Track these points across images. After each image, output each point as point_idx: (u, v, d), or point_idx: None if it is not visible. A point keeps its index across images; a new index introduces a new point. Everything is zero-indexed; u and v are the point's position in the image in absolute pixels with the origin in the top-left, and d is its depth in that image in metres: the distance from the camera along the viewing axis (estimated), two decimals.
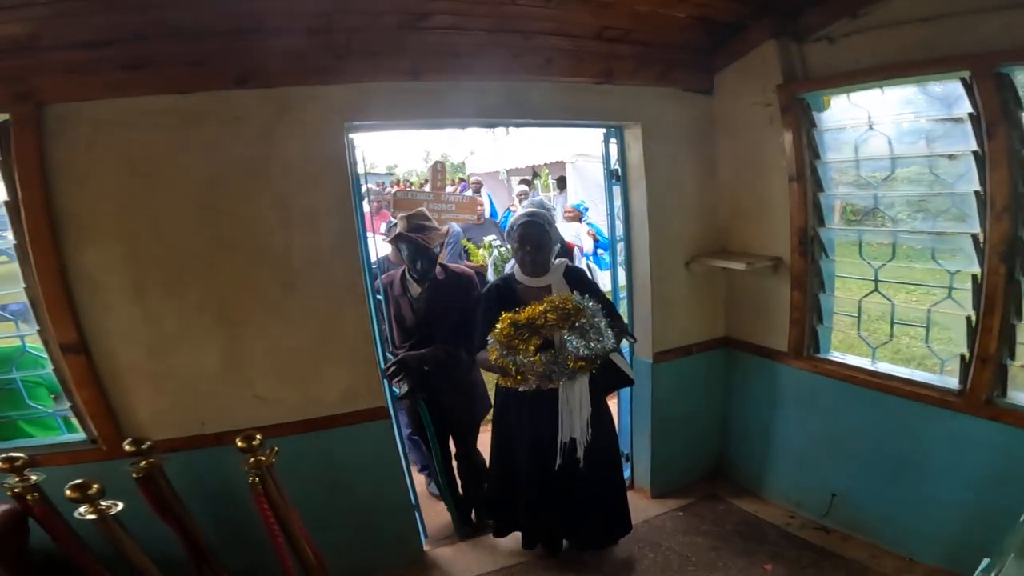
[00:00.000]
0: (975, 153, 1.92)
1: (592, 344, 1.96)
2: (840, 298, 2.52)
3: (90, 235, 1.82)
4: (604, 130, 2.71)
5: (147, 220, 1.89)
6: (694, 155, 2.72)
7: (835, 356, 2.50)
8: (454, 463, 2.80)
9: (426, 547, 2.64)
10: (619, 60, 2.46)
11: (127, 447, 1.80)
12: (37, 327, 1.82)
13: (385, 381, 2.35)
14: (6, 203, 1.74)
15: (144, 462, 1.83)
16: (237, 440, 1.84)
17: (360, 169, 2.26)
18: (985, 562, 1.18)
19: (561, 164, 8.31)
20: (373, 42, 2.08)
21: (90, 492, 1.60)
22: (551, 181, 8.64)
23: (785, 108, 2.41)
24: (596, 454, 2.18)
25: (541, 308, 1.97)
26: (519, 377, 1.99)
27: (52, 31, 1.71)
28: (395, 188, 8.76)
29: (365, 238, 2.27)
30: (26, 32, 1.69)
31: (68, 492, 1.59)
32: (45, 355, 1.91)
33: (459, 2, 2.06)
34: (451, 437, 2.74)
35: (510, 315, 2.00)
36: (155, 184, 1.89)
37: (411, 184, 10.15)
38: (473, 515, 2.81)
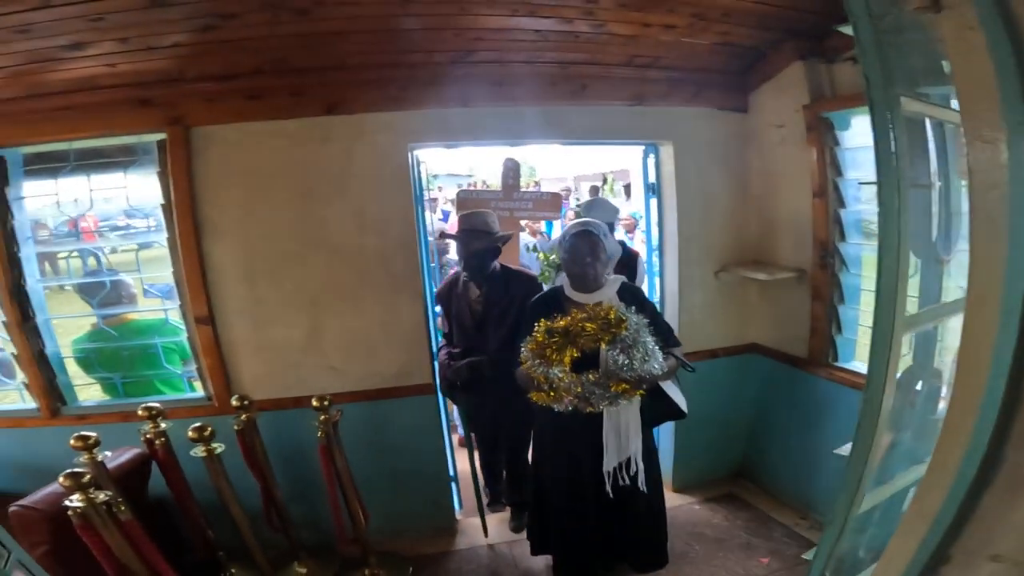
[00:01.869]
0: None
1: (635, 363, 1.78)
2: (865, 311, 2.70)
3: (219, 232, 2.49)
4: (643, 146, 3.06)
5: (258, 222, 2.52)
6: (726, 171, 3.01)
7: (851, 365, 2.70)
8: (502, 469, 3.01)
9: (459, 516, 3.09)
10: (650, 84, 2.82)
11: (234, 402, 2.42)
12: (179, 302, 2.51)
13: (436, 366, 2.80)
14: (163, 206, 2.44)
15: (244, 416, 2.44)
16: (313, 400, 2.40)
17: (434, 172, 2.78)
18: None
19: (626, 172, 8.56)
20: (430, 76, 2.61)
21: (205, 434, 2.24)
22: (618, 187, 8.91)
23: (810, 127, 2.65)
24: (635, 492, 2.09)
25: (579, 316, 1.85)
26: (552, 393, 1.83)
27: (195, 66, 2.34)
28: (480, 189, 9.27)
29: (425, 240, 2.79)
30: (177, 67, 2.33)
31: (190, 433, 2.23)
32: (182, 326, 2.59)
33: (499, 40, 2.52)
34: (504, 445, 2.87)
35: (546, 322, 1.88)
36: (265, 193, 2.51)
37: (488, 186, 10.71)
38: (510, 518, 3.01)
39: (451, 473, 3.03)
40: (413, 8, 2.22)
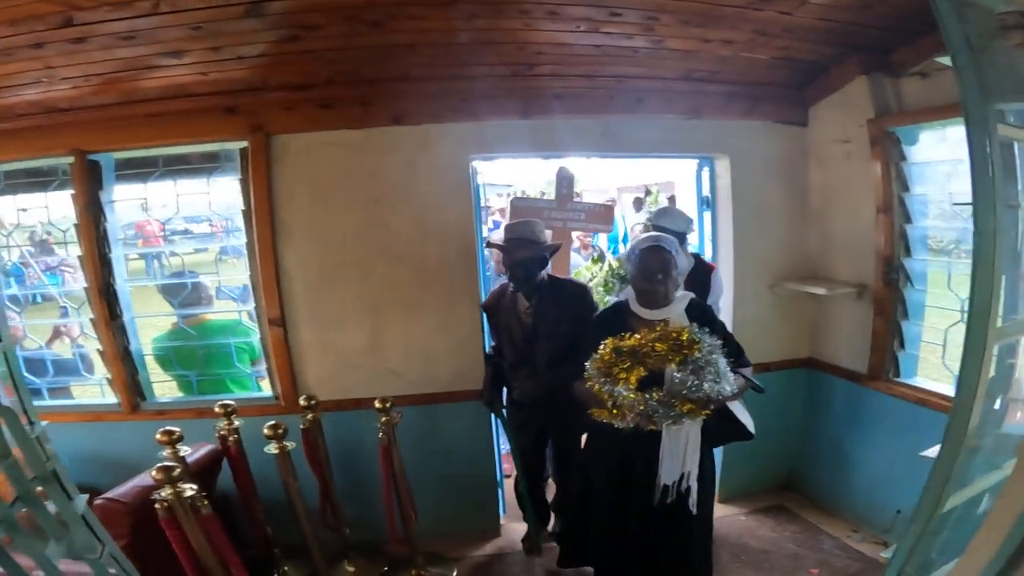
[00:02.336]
0: None
1: (706, 385, 1.77)
2: (928, 327, 2.68)
3: (291, 238, 2.64)
4: (697, 159, 3.10)
5: (326, 229, 2.66)
6: (784, 184, 3.02)
7: (913, 380, 2.67)
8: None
9: (503, 521, 3.15)
10: (707, 97, 2.87)
11: (302, 402, 2.55)
12: (253, 304, 2.66)
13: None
14: (243, 211, 2.62)
15: (310, 415, 2.56)
16: (376, 401, 2.50)
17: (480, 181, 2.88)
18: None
19: (671, 183, 8.50)
20: (491, 88, 2.72)
21: (279, 431, 2.37)
22: (662, 199, 8.85)
23: (875, 141, 2.64)
24: (684, 511, 2.02)
25: (650, 336, 1.84)
26: (615, 411, 1.82)
27: (276, 76, 2.49)
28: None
29: (482, 250, 2.88)
30: (260, 77, 2.48)
31: (265, 430, 2.36)
32: (254, 327, 2.74)
33: (560, 54, 2.61)
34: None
35: (614, 340, 1.88)
36: (333, 201, 2.66)
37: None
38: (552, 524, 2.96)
39: (498, 478, 3.09)
40: (479, 23, 2.32)
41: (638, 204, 7.40)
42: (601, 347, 1.88)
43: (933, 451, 1.03)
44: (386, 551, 2.83)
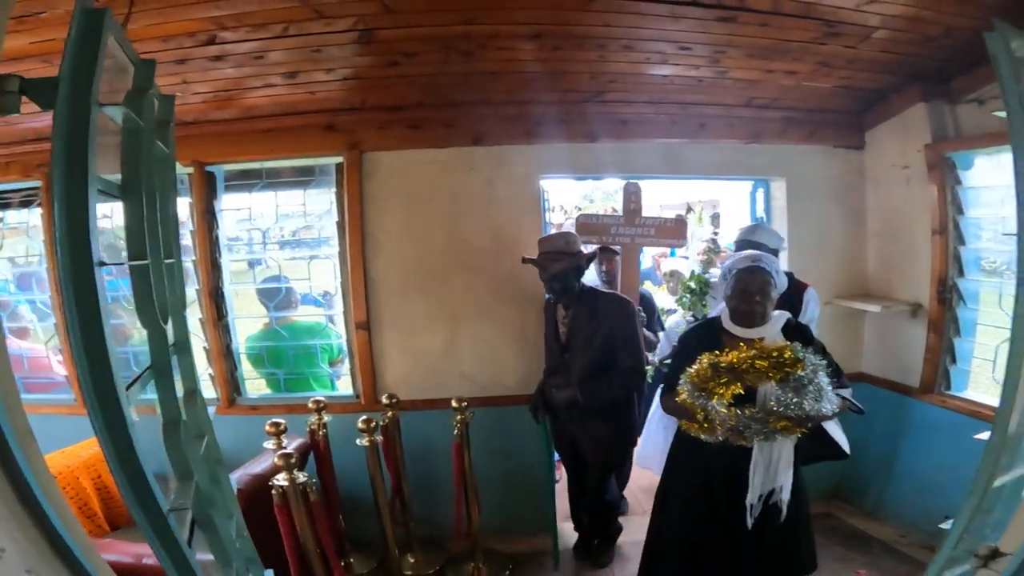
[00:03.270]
0: None
1: (806, 403, 1.76)
2: (979, 343, 2.80)
3: (380, 249, 2.91)
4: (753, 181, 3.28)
5: (411, 241, 2.92)
6: (840, 206, 3.18)
7: (964, 394, 2.80)
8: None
9: (558, 521, 3.25)
10: (767, 123, 3.06)
11: (384, 400, 2.78)
12: (342, 308, 2.92)
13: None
14: (337, 223, 2.89)
15: (390, 413, 2.79)
16: (453, 401, 2.72)
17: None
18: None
19: (714, 201, 8.60)
20: (563, 113, 2.95)
21: (371, 425, 2.59)
22: (706, 217, 8.90)
23: (932, 166, 2.79)
24: (774, 529, 1.97)
25: (749, 353, 1.86)
26: (706, 424, 1.85)
27: (374, 96, 2.76)
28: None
29: None
30: (359, 97, 2.76)
31: (359, 424, 2.58)
32: (338, 330, 3.00)
33: (629, 83, 2.84)
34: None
35: (711, 355, 1.90)
36: (418, 216, 2.91)
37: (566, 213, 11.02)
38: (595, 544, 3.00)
39: (553, 480, 3.26)
40: (559, 53, 2.55)
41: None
42: (697, 363, 1.91)
43: (985, 435, 1.20)
44: (444, 546, 3.03)
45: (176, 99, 1.38)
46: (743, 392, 1.83)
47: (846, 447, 2.12)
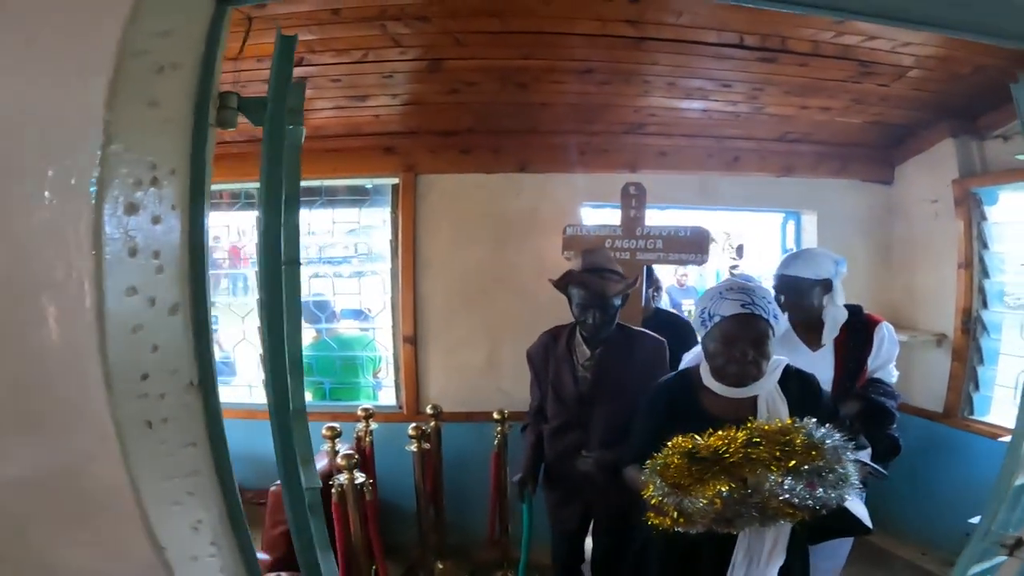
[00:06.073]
0: None
1: (820, 491, 1.32)
2: (1001, 371, 2.96)
3: (428, 269, 3.10)
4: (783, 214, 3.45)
5: (457, 261, 3.11)
6: (868, 239, 3.36)
7: (985, 418, 2.94)
8: None
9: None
10: (799, 157, 3.26)
11: (428, 411, 2.93)
12: (391, 323, 3.08)
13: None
14: (390, 241, 3.09)
15: (433, 423, 2.92)
16: (494, 412, 2.87)
17: None
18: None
19: (737, 232, 8.65)
20: (605, 143, 3.17)
21: (422, 431, 2.72)
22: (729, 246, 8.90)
23: (959, 201, 2.97)
24: None
25: (740, 438, 1.37)
26: (682, 520, 1.35)
27: (430, 121, 2.97)
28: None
29: None
30: (417, 122, 2.98)
31: (410, 431, 2.70)
32: (380, 342, 3.15)
33: (669, 116, 3.06)
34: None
35: (684, 441, 1.40)
36: (465, 237, 3.11)
37: None
38: None
39: None
40: (607, 88, 2.77)
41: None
42: (664, 452, 1.41)
43: (1007, 438, 1.32)
44: (471, 556, 3.12)
45: None
46: (731, 487, 1.34)
47: (867, 520, 1.68)
